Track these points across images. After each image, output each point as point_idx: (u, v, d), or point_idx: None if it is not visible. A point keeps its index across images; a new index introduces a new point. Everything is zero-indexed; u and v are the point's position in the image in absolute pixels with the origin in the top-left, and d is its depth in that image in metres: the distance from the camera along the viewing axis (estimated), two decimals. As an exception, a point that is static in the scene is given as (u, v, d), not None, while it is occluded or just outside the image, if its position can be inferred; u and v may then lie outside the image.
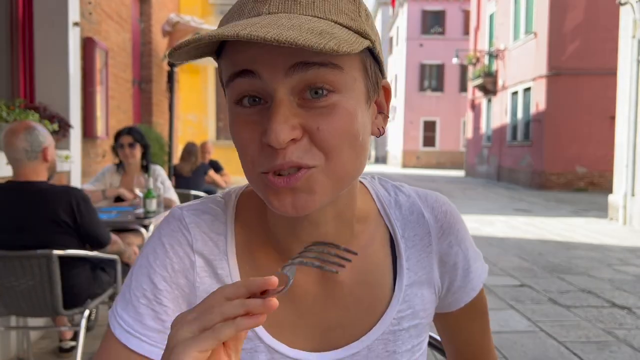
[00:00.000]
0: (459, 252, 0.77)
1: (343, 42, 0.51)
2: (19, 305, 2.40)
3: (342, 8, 0.57)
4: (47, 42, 4.16)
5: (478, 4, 22.60)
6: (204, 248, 0.69)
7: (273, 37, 0.48)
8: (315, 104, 0.56)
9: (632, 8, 8.70)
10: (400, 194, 0.77)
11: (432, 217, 0.75)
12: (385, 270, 0.73)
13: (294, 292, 0.70)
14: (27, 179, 2.35)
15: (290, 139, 0.55)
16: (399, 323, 0.72)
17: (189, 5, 10.00)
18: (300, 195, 0.58)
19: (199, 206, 0.73)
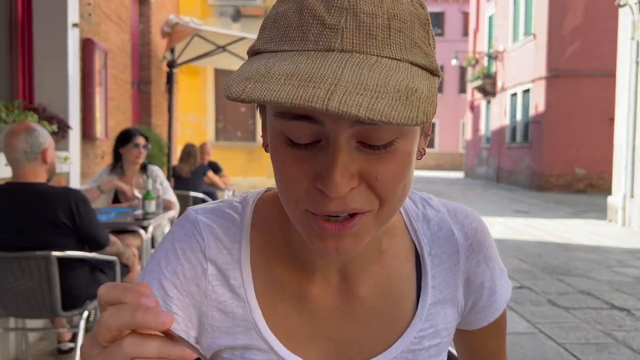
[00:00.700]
0: (487, 271, 0.74)
1: (429, 106, 0.47)
2: (17, 307, 2.39)
3: (415, 39, 0.52)
4: (47, 43, 4.16)
5: (477, 6, 22.62)
6: (218, 256, 0.67)
7: (366, 114, 0.42)
8: (375, 151, 0.52)
9: (631, 9, 8.72)
10: (429, 208, 0.74)
11: (461, 235, 0.72)
12: (409, 286, 0.70)
13: (311, 304, 0.67)
14: (26, 180, 2.35)
15: (348, 188, 0.51)
16: (420, 342, 0.70)
17: (188, 7, 10.00)
18: (346, 240, 0.55)
19: (214, 210, 0.69)
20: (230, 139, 10.81)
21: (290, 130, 0.52)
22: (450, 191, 15.77)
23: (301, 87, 0.44)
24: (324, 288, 0.68)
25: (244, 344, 0.66)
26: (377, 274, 0.69)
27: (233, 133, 10.87)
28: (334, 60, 0.47)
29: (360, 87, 0.44)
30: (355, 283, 0.68)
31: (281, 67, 0.47)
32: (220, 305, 0.66)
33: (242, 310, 0.66)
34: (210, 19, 10.12)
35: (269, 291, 0.67)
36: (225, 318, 0.66)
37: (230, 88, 0.47)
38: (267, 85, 0.45)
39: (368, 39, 0.49)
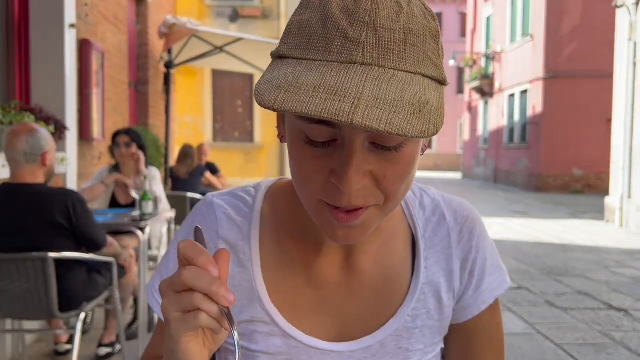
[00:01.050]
0: (477, 259, 0.77)
1: (438, 117, 0.52)
2: (14, 308, 2.38)
3: (427, 52, 0.56)
4: (43, 44, 4.15)
5: (475, 7, 22.66)
6: (229, 234, 0.73)
7: (386, 128, 0.47)
8: (386, 152, 0.58)
9: (628, 11, 8.74)
10: (425, 196, 0.79)
11: (452, 220, 0.77)
12: (405, 266, 0.75)
13: (317, 277, 0.72)
14: (23, 181, 2.34)
15: (361, 185, 0.57)
16: (413, 321, 0.73)
17: (186, 7, 10.00)
18: (354, 230, 0.61)
19: (229, 193, 0.77)
20: (227, 140, 10.80)
21: (309, 131, 0.57)
22: (448, 192, 15.65)
23: (328, 100, 0.49)
24: (329, 263, 0.73)
25: (248, 316, 0.71)
26: (377, 253, 0.74)
27: (231, 134, 10.87)
28: (356, 73, 0.51)
29: (379, 102, 0.49)
30: (358, 260, 0.73)
31: (308, 77, 0.51)
32: (230, 280, 0.71)
33: (247, 283, 0.72)
34: (208, 19, 10.12)
35: (277, 266, 0.73)
36: (233, 291, 0.70)
37: (263, 96, 0.52)
38: (297, 96, 0.50)
39: (386, 53, 0.53)
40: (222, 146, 10.52)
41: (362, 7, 0.54)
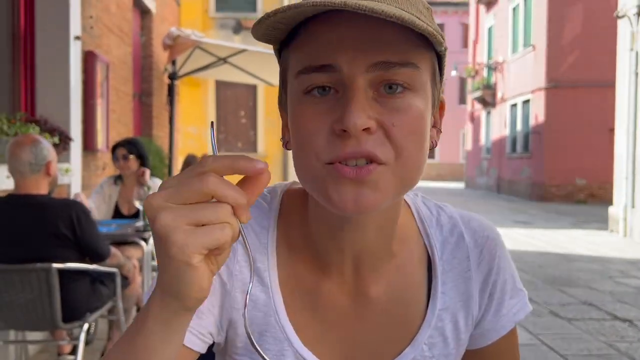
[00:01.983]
0: (497, 282, 0.73)
1: (437, 33, 0.54)
2: (17, 319, 2.39)
3: (421, 9, 0.58)
4: (49, 56, 4.19)
5: (477, 17, 22.76)
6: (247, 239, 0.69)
7: (394, 13, 0.48)
8: (391, 99, 0.56)
9: (630, 21, 8.76)
10: (443, 214, 0.74)
11: (472, 241, 0.72)
12: (420, 291, 0.71)
13: (325, 300, 0.68)
14: (28, 192, 2.35)
15: (366, 126, 0.54)
16: (430, 349, 0.69)
17: (190, 19, 10.07)
18: (364, 190, 0.56)
19: None
20: (231, 150, 10.83)
21: (310, 82, 0.56)
22: (451, 202, 15.64)
23: None
24: (338, 285, 0.68)
25: (260, 329, 0.67)
26: (389, 276, 0.69)
27: (234, 144, 10.90)
28: None
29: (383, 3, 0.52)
30: (368, 282, 0.68)
31: None
32: (245, 286, 0.67)
33: (265, 294, 0.67)
34: (212, 31, 10.19)
35: (291, 282, 0.68)
36: None
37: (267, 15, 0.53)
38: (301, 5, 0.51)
39: None
40: (225, 156, 10.53)
41: None
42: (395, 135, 0.56)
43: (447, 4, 32.06)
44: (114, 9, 5.65)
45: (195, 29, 8.02)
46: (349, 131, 0.53)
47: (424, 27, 0.51)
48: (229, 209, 0.45)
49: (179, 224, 0.44)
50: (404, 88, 0.56)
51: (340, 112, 0.55)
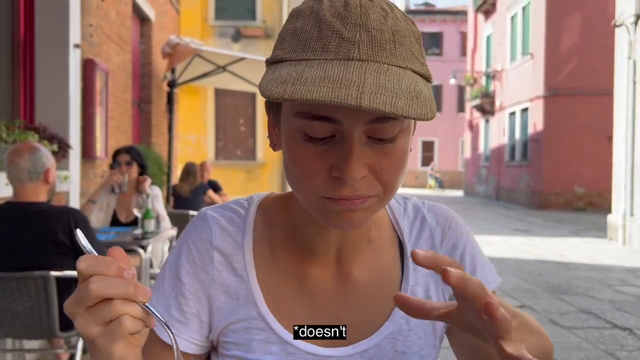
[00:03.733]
0: (464, 254, 0.80)
1: (432, 104, 0.57)
2: (14, 327, 2.37)
3: (413, 51, 0.62)
4: (48, 63, 4.19)
5: (475, 26, 22.87)
6: (223, 243, 0.75)
7: (392, 110, 0.52)
8: (383, 146, 0.62)
9: (627, 29, 8.81)
10: (409, 203, 0.84)
11: (434, 222, 0.82)
12: (395, 271, 0.78)
13: (310, 287, 0.75)
14: (27, 199, 2.35)
15: (362, 175, 0.61)
16: (407, 322, 0.75)
17: (189, 27, 10.11)
18: (357, 213, 0.64)
19: (222, 205, 0.80)
20: (230, 158, 10.83)
21: (310, 128, 0.60)
22: (450, 210, 15.73)
23: (335, 88, 0.53)
24: (322, 272, 0.75)
25: (245, 323, 0.73)
26: (367, 260, 0.77)
27: (233, 152, 10.90)
28: (355, 67, 0.56)
29: (381, 89, 0.54)
30: (349, 268, 0.76)
31: (311, 72, 0.56)
32: (226, 289, 0.74)
33: (244, 291, 0.73)
34: (211, 39, 10.22)
35: (272, 275, 0.75)
36: (229, 300, 0.74)
37: (270, 90, 0.56)
38: (304, 87, 0.54)
39: (379, 50, 0.58)
40: (225, 164, 10.55)
41: (353, 12, 0.59)
42: (384, 177, 0.63)
43: (445, 13, 32.23)
44: (113, 17, 5.67)
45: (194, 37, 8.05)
46: (348, 183, 0.60)
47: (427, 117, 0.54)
48: (119, 302, 0.52)
49: (89, 328, 0.52)
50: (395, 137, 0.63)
51: (337, 158, 0.60)
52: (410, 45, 0.61)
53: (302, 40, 0.60)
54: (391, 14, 0.61)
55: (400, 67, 0.59)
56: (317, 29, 0.59)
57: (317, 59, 0.58)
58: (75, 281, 2.45)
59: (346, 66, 0.56)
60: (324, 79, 0.54)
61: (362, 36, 0.58)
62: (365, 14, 0.59)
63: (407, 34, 0.61)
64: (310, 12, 0.61)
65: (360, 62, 0.57)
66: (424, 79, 0.62)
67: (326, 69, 0.55)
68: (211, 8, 10.56)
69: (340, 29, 0.58)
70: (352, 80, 0.54)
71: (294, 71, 0.56)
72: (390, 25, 0.60)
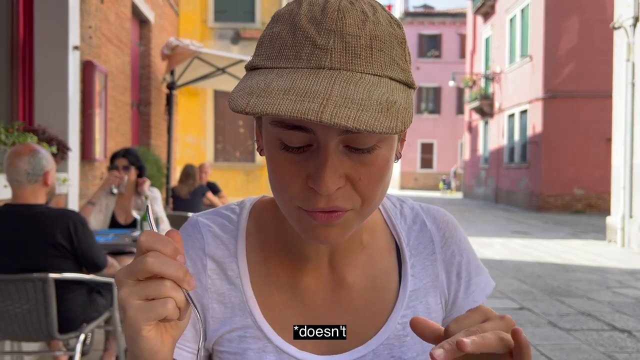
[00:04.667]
0: (462, 262, 0.80)
1: (406, 115, 0.54)
2: (13, 330, 2.37)
3: (394, 56, 0.59)
4: (47, 65, 4.20)
5: (474, 28, 22.90)
6: (215, 251, 0.74)
7: (354, 125, 0.50)
8: (360, 155, 0.60)
9: (626, 32, 8.83)
10: (405, 206, 0.82)
11: (434, 226, 0.80)
12: (392, 276, 0.76)
13: (304, 294, 0.73)
14: (25, 201, 2.34)
15: (337, 187, 0.59)
16: (404, 328, 0.74)
17: (188, 29, 10.11)
18: (332, 230, 0.62)
19: (214, 212, 0.78)
20: (229, 160, 10.83)
21: (285, 137, 0.59)
22: (448, 211, 15.70)
23: (298, 101, 0.51)
24: (315, 279, 0.74)
25: (240, 332, 0.72)
26: (362, 265, 0.75)
27: (232, 154, 10.90)
28: (325, 77, 0.54)
29: (348, 101, 0.51)
30: (343, 273, 0.74)
31: (279, 82, 0.54)
32: (220, 297, 0.72)
33: (239, 299, 0.72)
34: (210, 41, 10.23)
35: (265, 283, 0.73)
36: (224, 309, 0.72)
37: (235, 101, 0.54)
38: (268, 99, 0.52)
39: (353, 58, 0.56)
40: (224, 166, 10.55)
41: (329, 17, 0.57)
42: (362, 188, 0.61)
43: (444, 15, 32.29)
44: (112, 19, 5.68)
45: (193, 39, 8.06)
46: (322, 194, 0.58)
47: (394, 130, 0.51)
48: (170, 284, 0.51)
49: (131, 299, 0.51)
50: (373, 147, 0.60)
51: (313, 168, 0.59)
52: (391, 50, 0.58)
53: (277, 46, 0.58)
54: (372, 18, 0.58)
55: (375, 75, 0.56)
56: (291, 35, 0.57)
57: (289, 67, 0.56)
58: (74, 283, 2.44)
59: (316, 76, 0.54)
60: (289, 91, 0.52)
61: (335, 43, 0.55)
62: (341, 19, 0.56)
63: (387, 39, 0.58)
64: (288, 16, 0.60)
65: (332, 70, 0.55)
66: (404, 86, 0.59)
67: (294, 79, 0.54)
68: (210, 10, 10.57)
69: (314, 36, 0.56)
70: (317, 92, 0.52)
71: (263, 81, 0.55)
72: (368, 31, 0.57)
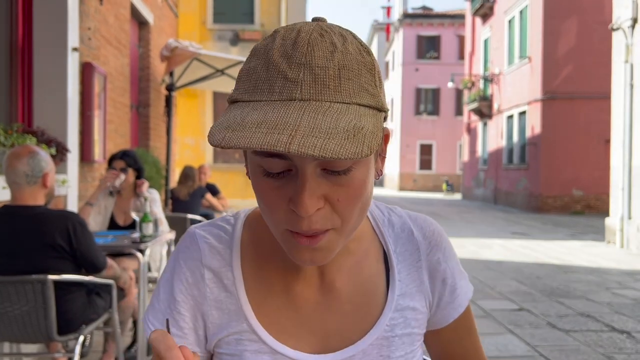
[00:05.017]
0: (447, 269, 0.84)
1: (373, 140, 0.58)
2: (12, 331, 2.37)
3: (363, 83, 0.62)
4: (46, 67, 4.19)
5: (472, 30, 22.92)
6: (212, 261, 0.78)
7: (320, 153, 0.53)
8: (337, 177, 0.64)
9: (624, 33, 8.84)
10: (393, 214, 0.86)
11: (420, 235, 0.84)
12: (380, 281, 0.81)
13: (296, 299, 0.78)
14: (24, 203, 2.34)
15: (316, 209, 0.63)
16: (392, 330, 0.79)
17: (188, 31, 10.12)
18: (318, 252, 0.67)
19: (210, 223, 0.83)
20: (228, 161, 10.83)
21: (266, 164, 0.63)
22: (447, 212, 15.75)
23: (269, 134, 0.55)
24: (306, 285, 0.78)
25: (237, 336, 0.77)
26: (351, 271, 0.80)
27: (231, 155, 10.90)
28: (295, 108, 0.58)
29: (315, 131, 0.55)
30: (332, 279, 0.79)
31: (253, 116, 0.58)
32: (218, 304, 0.78)
33: (234, 305, 0.77)
34: (209, 43, 10.23)
35: (259, 289, 0.78)
36: (222, 315, 0.78)
37: (213, 136, 0.58)
38: (241, 133, 0.56)
39: (322, 88, 0.60)
40: (223, 167, 10.55)
41: (299, 50, 0.61)
42: (341, 209, 0.65)
43: (443, 17, 32.32)
44: (112, 20, 5.68)
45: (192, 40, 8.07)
46: (301, 216, 0.62)
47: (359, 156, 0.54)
48: None
49: None
50: (349, 169, 0.63)
51: (293, 191, 0.63)
52: (359, 78, 0.62)
53: (253, 81, 0.63)
54: (341, 48, 0.62)
55: (343, 103, 0.60)
56: (265, 69, 0.62)
57: (263, 100, 0.60)
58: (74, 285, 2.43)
59: (287, 108, 0.58)
60: (261, 124, 0.56)
61: (305, 75, 0.60)
62: (310, 52, 0.61)
63: (356, 67, 0.62)
64: (263, 51, 0.64)
65: (302, 102, 0.59)
66: (374, 110, 0.63)
67: (267, 112, 0.58)
68: (209, 12, 10.58)
69: (285, 70, 0.60)
70: (287, 123, 0.55)
71: (239, 115, 0.59)
72: (337, 61, 0.61)
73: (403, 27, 32.11)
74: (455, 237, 9.87)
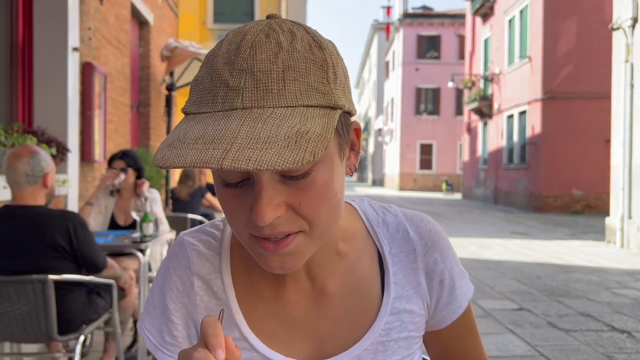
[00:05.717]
0: (445, 269, 0.80)
1: (319, 143, 0.54)
2: (12, 331, 2.37)
3: (312, 82, 0.59)
4: (47, 67, 4.20)
5: (473, 29, 22.92)
6: (201, 269, 0.77)
7: (255, 166, 0.51)
8: (296, 181, 0.61)
9: (625, 33, 8.84)
10: (388, 214, 0.82)
11: (416, 235, 0.80)
12: (374, 283, 0.78)
13: (287, 305, 0.76)
14: (25, 203, 2.35)
15: (275, 217, 0.60)
16: (388, 334, 0.76)
17: (188, 31, 10.12)
18: (287, 258, 0.64)
19: (199, 229, 0.81)
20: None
21: (223, 175, 0.62)
22: (447, 212, 15.75)
23: (203, 150, 0.53)
24: (296, 290, 0.76)
25: None
26: (342, 274, 0.77)
27: (231, 155, 10.90)
28: (235, 118, 0.56)
29: (252, 142, 0.53)
30: (323, 283, 0.76)
31: (194, 130, 0.56)
32: (208, 312, 0.76)
33: (225, 313, 0.74)
34: (209, 42, 10.23)
35: (249, 296, 0.76)
36: None
37: (156, 155, 0.56)
38: (179, 151, 0.54)
39: (265, 94, 0.57)
40: (223, 167, 10.53)
41: (241, 56, 0.58)
42: (304, 212, 0.62)
43: (443, 16, 32.32)
44: (112, 20, 5.68)
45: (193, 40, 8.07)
46: (260, 225, 0.60)
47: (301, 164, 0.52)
48: None
49: None
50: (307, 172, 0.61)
51: (252, 200, 0.61)
52: (307, 77, 0.58)
53: (200, 91, 0.60)
54: (287, 47, 0.59)
55: (288, 107, 0.57)
56: (209, 79, 0.60)
57: (207, 111, 0.58)
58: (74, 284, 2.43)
59: (227, 119, 0.56)
60: (199, 140, 0.54)
61: (247, 82, 0.57)
62: (252, 56, 0.58)
63: (303, 66, 0.58)
64: (209, 59, 0.62)
65: (243, 110, 0.56)
66: (326, 109, 0.59)
67: (207, 125, 0.56)
68: (209, 11, 10.58)
69: (227, 78, 0.58)
70: (224, 137, 0.53)
71: (183, 130, 0.57)
72: (281, 63, 0.58)
73: (403, 27, 32.10)
74: (455, 237, 9.87)
